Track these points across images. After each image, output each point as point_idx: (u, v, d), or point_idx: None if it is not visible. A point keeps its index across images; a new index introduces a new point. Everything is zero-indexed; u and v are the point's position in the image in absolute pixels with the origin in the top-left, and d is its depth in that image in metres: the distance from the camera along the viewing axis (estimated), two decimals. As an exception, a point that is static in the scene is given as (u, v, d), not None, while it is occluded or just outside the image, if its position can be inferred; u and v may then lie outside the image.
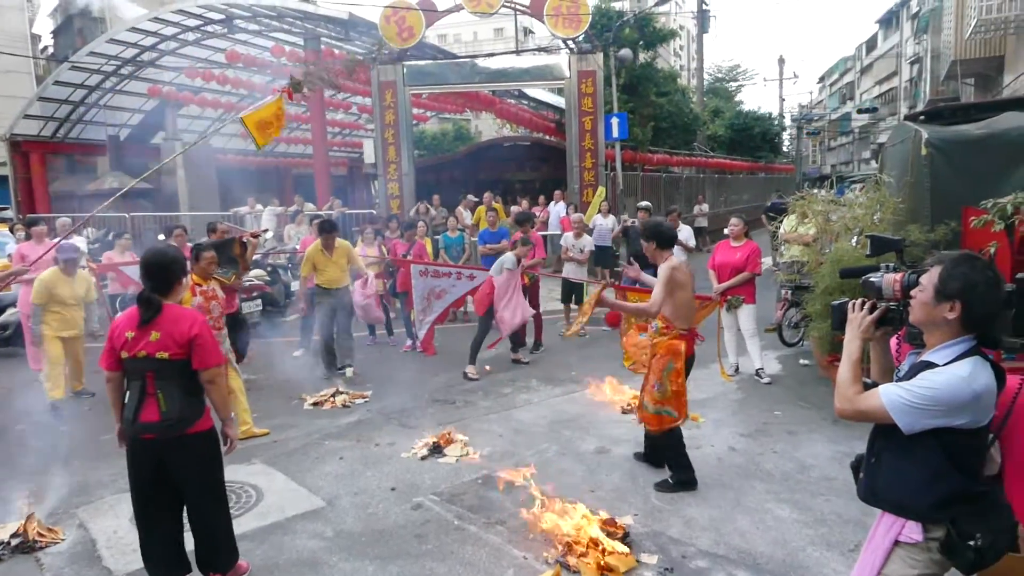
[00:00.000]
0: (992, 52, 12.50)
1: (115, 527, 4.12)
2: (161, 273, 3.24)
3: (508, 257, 7.49)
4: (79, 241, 10.29)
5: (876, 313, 2.17)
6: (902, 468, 2.09)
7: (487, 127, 34.14)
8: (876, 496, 2.18)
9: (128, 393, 3.21)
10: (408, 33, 13.87)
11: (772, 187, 32.11)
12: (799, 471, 4.73)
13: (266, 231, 13.74)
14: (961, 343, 2.03)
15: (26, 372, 7.61)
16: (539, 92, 19.81)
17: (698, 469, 4.77)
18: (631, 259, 9.43)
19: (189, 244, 9.29)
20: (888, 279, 2.19)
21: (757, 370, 6.99)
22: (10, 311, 8.60)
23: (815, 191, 9.06)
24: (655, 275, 4.57)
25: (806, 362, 7.56)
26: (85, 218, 7.51)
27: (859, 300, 2.23)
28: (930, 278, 2.04)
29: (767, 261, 9.89)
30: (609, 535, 3.70)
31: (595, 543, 3.62)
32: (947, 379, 1.96)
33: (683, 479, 4.49)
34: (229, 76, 17.37)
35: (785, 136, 47.73)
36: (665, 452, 4.66)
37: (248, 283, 9.35)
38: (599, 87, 13.86)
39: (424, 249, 9.21)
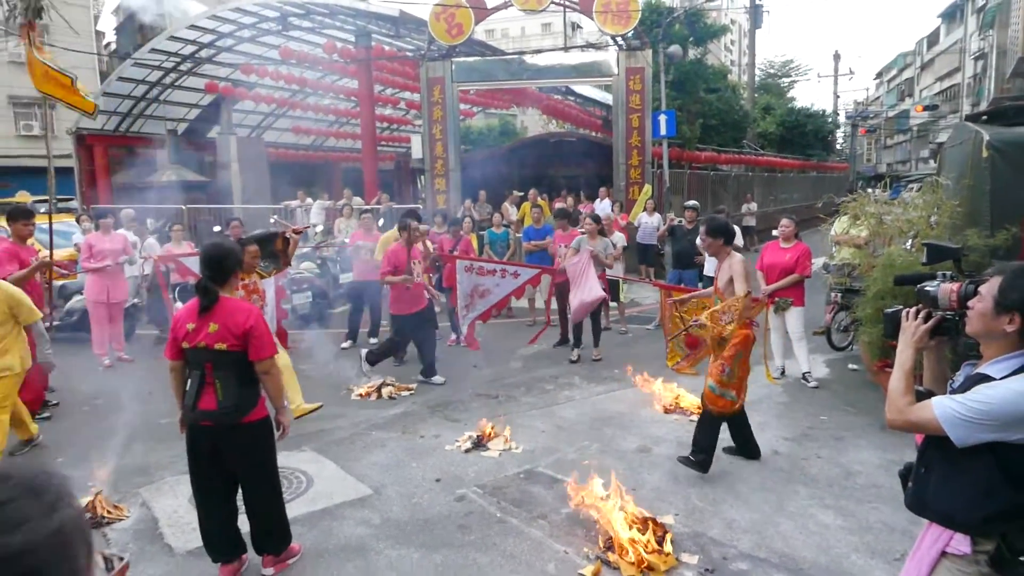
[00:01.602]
0: (1062, 49, 12.00)
1: (175, 507, 4.33)
2: (218, 264, 3.40)
3: (582, 239, 7.78)
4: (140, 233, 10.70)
5: (931, 322, 2.15)
6: (953, 480, 2.07)
7: (532, 123, 34.11)
8: (924, 506, 2.17)
9: (189, 382, 3.38)
10: (457, 30, 13.99)
11: (824, 186, 31.34)
12: (844, 477, 4.67)
13: (315, 225, 14.10)
14: (1019, 356, 1.99)
15: (91, 356, 8.00)
16: (586, 88, 19.74)
17: (739, 471, 4.79)
18: (675, 258, 9.38)
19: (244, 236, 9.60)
20: (945, 289, 2.16)
21: (804, 374, 6.89)
22: (76, 298, 9.02)
23: (869, 191, 8.85)
24: (696, 275, 4.70)
25: (855, 367, 7.42)
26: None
27: (913, 308, 2.21)
28: (989, 288, 2.01)
29: (818, 263, 9.72)
30: (650, 533, 3.73)
31: (634, 541, 3.66)
32: (1003, 393, 1.94)
33: (703, 460, 4.64)
34: (283, 72, 17.79)
35: (839, 134, 46.49)
36: (702, 429, 4.75)
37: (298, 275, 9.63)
38: (647, 84, 13.75)
39: (470, 245, 9.32)
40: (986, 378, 2.00)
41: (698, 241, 7.36)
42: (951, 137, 8.55)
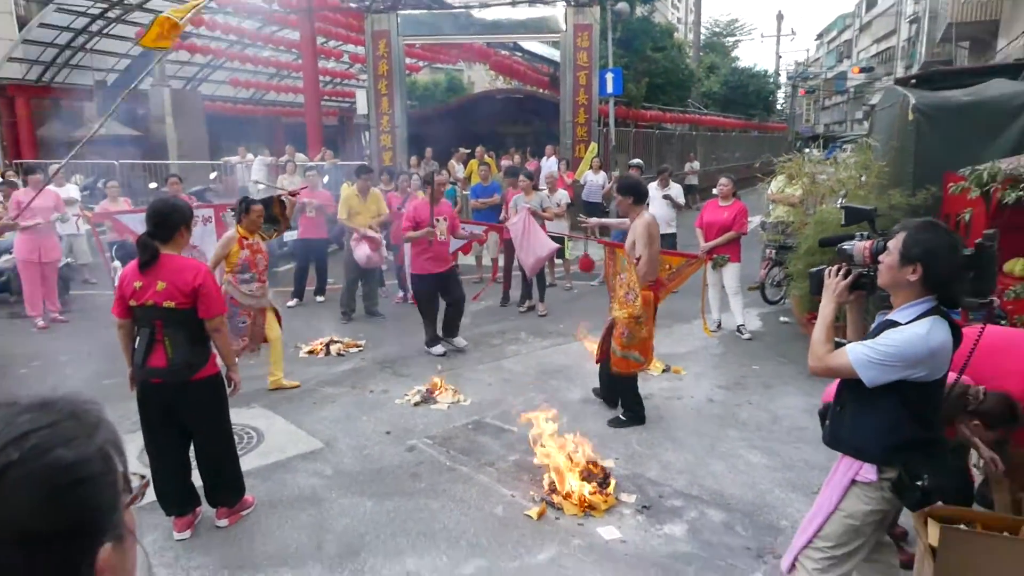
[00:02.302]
0: (988, 16, 12.47)
1: (124, 464, 4.33)
2: (161, 220, 3.35)
3: (518, 198, 7.93)
4: (71, 188, 10.29)
5: (850, 278, 2.37)
6: (863, 416, 2.31)
7: (480, 78, 33.63)
8: (839, 441, 2.41)
9: (138, 339, 3.38)
10: (402, -19, 13.66)
11: (764, 146, 32.08)
12: (772, 421, 5.00)
13: (257, 182, 13.75)
14: (922, 303, 2.22)
15: (23, 317, 7.76)
16: (534, 45, 19.57)
17: (676, 418, 5.06)
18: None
19: (185, 194, 9.36)
20: (859, 246, 2.38)
21: (739, 326, 7.23)
22: (5, 257, 8.67)
23: (806, 151, 9.18)
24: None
25: (786, 319, 7.81)
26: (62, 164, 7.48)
27: (835, 266, 2.43)
28: (895, 243, 2.23)
29: (755, 221, 10.07)
30: (591, 475, 3.95)
31: (579, 485, 3.87)
32: (907, 336, 2.17)
33: (634, 416, 4.94)
34: (219, 21, 17.02)
35: (780, 94, 47.36)
36: (622, 392, 5.03)
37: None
38: (595, 41, 13.75)
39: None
40: (894, 324, 2.22)
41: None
42: (882, 100, 8.91)
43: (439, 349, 6.69)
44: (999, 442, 2.88)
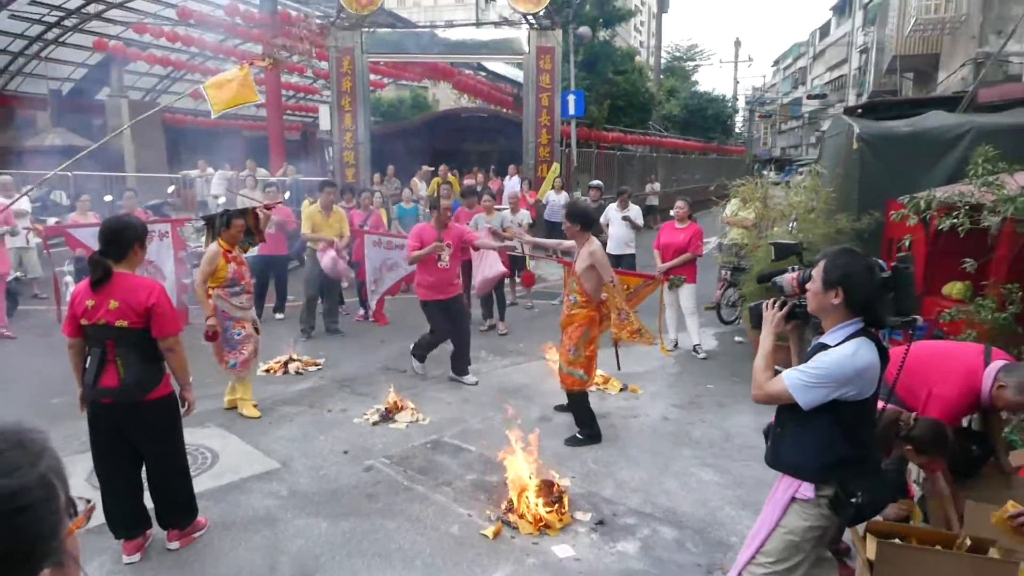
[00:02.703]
0: (929, 49, 13.11)
1: (73, 486, 4.22)
2: (113, 238, 3.31)
3: (479, 217, 7.89)
4: (22, 201, 10.02)
5: (785, 309, 2.51)
6: (800, 436, 2.43)
7: (444, 96, 33.75)
8: (779, 460, 2.53)
9: (89, 359, 3.33)
10: (368, 0, 13.71)
11: (723, 168, 32.87)
12: (724, 439, 5.13)
13: (217, 197, 13.58)
14: (849, 326, 2.36)
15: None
16: (498, 65, 19.79)
17: (632, 437, 5.16)
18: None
19: (141, 208, 9.21)
20: (787, 278, 2.53)
21: (695, 346, 7.40)
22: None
23: (765, 173, 9.47)
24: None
25: (741, 339, 8.01)
26: (46, 177, 7.30)
27: (771, 300, 2.56)
28: (817, 271, 2.36)
29: (713, 243, 10.32)
30: (547, 495, 4.00)
31: (534, 504, 3.92)
32: (834, 358, 2.29)
33: (590, 433, 5.03)
34: (180, 33, 16.82)
35: (739, 118, 48.64)
36: (574, 409, 5.14)
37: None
38: (557, 64, 13.99)
39: (380, 219, 9.32)
40: (824, 347, 2.35)
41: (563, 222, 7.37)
42: (830, 128, 9.28)
43: (418, 367, 6.55)
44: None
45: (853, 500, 2.34)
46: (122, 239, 3.31)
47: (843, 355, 2.28)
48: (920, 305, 5.39)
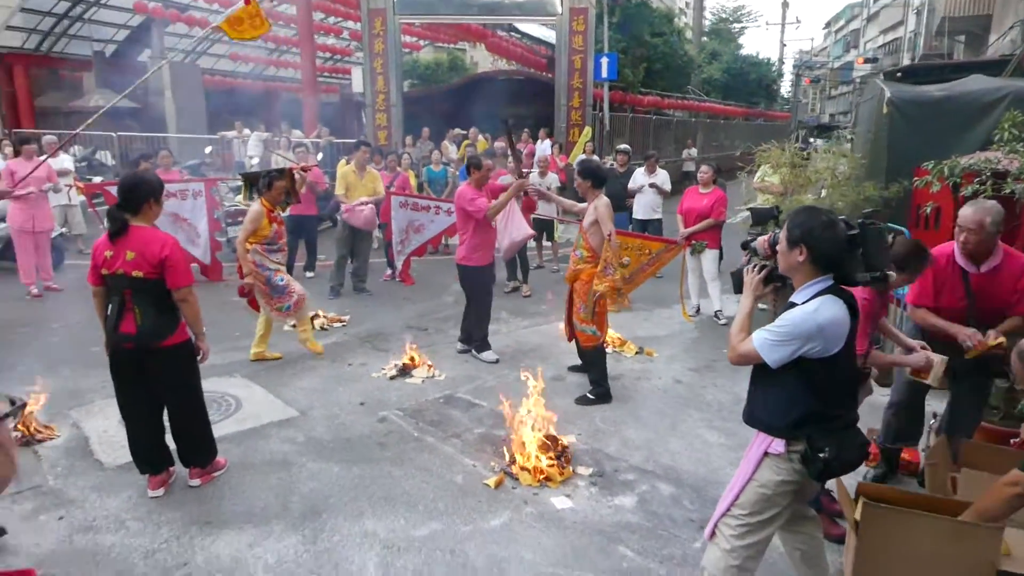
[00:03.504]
0: (980, 10, 12.52)
1: (105, 427, 4.52)
2: (128, 191, 3.51)
3: (505, 179, 8.00)
4: (64, 159, 10.40)
5: (762, 273, 2.54)
6: (770, 394, 2.48)
7: (483, 58, 33.46)
8: (752, 417, 2.59)
9: (110, 306, 3.54)
10: (400, -41, 13.65)
11: (766, 134, 32.02)
12: (734, 403, 5.16)
13: (252, 157, 13.84)
14: (817, 283, 2.39)
15: (17, 285, 7.92)
16: (532, 27, 19.55)
17: (643, 398, 5.24)
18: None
19: (176, 167, 9.48)
20: (760, 241, 2.56)
21: (716, 311, 7.39)
22: (0, 226, 8.81)
23: (811, 140, 9.24)
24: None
25: (763, 306, 7.92)
26: (70, 136, 7.58)
27: (752, 264, 2.58)
28: (783, 230, 2.38)
29: (743, 212, 10.16)
30: (550, 449, 4.12)
31: (536, 456, 4.04)
32: (796, 314, 2.34)
33: (600, 392, 5.13)
34: (217, -6, 17.02)
35: (784, 83, 47.16)
36: (589, 366, 5.23)
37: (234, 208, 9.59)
38: (591, 25, 13.78)
39: (407, 181, 9.43)
40: (793, 305, 2.38)
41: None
42: (865, 92, 9.01)
43: (491, 356, 5.99)
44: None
45: (820, 455, 2.36)
46: (135, 193, 3.49)
47: (805, 312, 2.32)
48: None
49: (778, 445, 2.46)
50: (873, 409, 4.23)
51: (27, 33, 17.87)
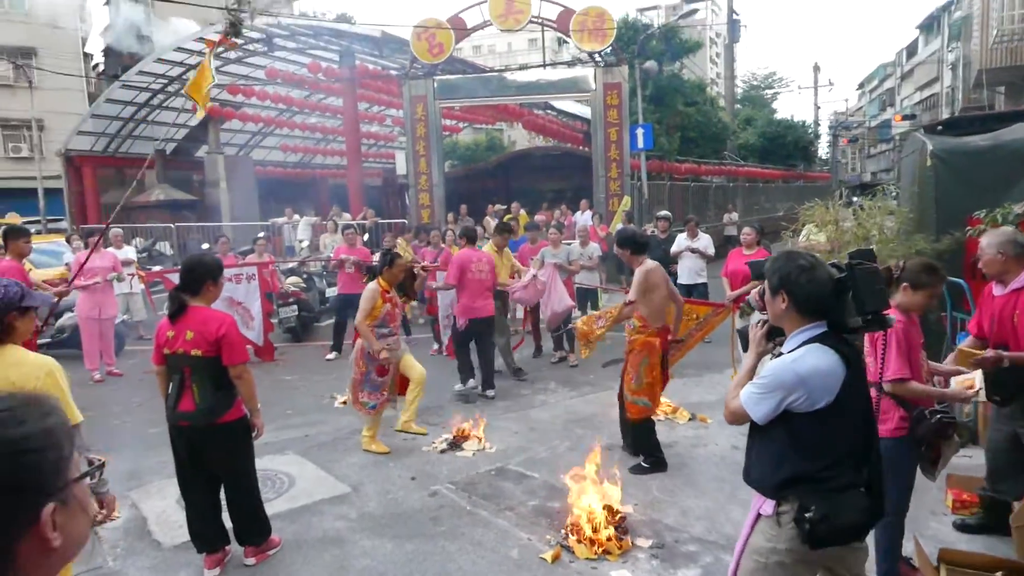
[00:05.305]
0: (1017, 60, 12.45)
1: (163, 507, 4.57)
2: (187, 275, 3.68)
3: (545, 251, 8.09)
4: (128, 250, 10.96)
5: (764, 328, 2.41)
6: (761, 452, 2.33)
7: (520, 136, 34.58)
8: (747, 475, 2.42)
9: (171, 385, 3.66)
10: (439, 49, 14.37)
11: (807, 195, 31.82)
12: (796, 468, 4.96)
13: (302, 241, 14.36)
14: (805, 331, 2.25)
15: (82, 370, 8.23)
16: (567, 104, 20.18)
17: (699, 465, 5.08)
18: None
19: (231, 253, 9.89)
20: (753, 293, 2.46)
21: (768, 375, 7.19)
22: (67, 315, 9.24)
23: (855, 199, 9.17)
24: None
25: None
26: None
27: (758, 321, 2.49)
28: (765, 280, 2.33)
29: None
30: (607, 521, 4.00)
31: (594, 529, 3.93)
32: (776, 364, 2.23)
33: (655, 461, 4.98)
34: (268, 92, 18.13)
35: (822, 144, 47.23)
36: (638, 438, 5.10)
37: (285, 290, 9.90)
38: (624, 99, 14.16)
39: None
40: (781, 355, 2.29)
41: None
42: (906, 147, 8.95)
43: (493, 391, 7.04)
44: None
45: (806, 516, 2.16)
46: (196, 275, 3.65)
47: (783, 362, 2.20)
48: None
49: (768, 506, 2.29)
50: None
51: (96, 137, 19.22)
